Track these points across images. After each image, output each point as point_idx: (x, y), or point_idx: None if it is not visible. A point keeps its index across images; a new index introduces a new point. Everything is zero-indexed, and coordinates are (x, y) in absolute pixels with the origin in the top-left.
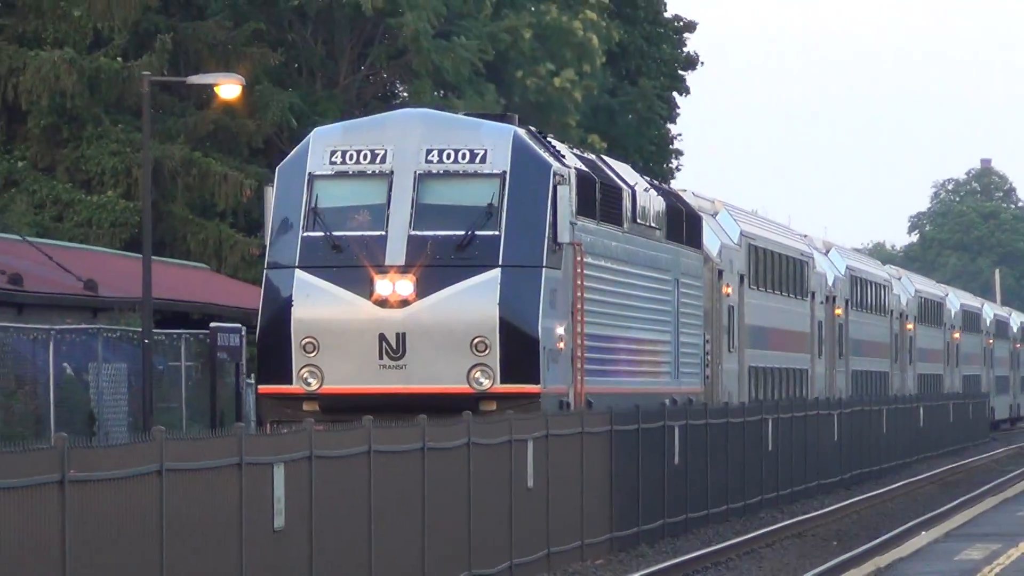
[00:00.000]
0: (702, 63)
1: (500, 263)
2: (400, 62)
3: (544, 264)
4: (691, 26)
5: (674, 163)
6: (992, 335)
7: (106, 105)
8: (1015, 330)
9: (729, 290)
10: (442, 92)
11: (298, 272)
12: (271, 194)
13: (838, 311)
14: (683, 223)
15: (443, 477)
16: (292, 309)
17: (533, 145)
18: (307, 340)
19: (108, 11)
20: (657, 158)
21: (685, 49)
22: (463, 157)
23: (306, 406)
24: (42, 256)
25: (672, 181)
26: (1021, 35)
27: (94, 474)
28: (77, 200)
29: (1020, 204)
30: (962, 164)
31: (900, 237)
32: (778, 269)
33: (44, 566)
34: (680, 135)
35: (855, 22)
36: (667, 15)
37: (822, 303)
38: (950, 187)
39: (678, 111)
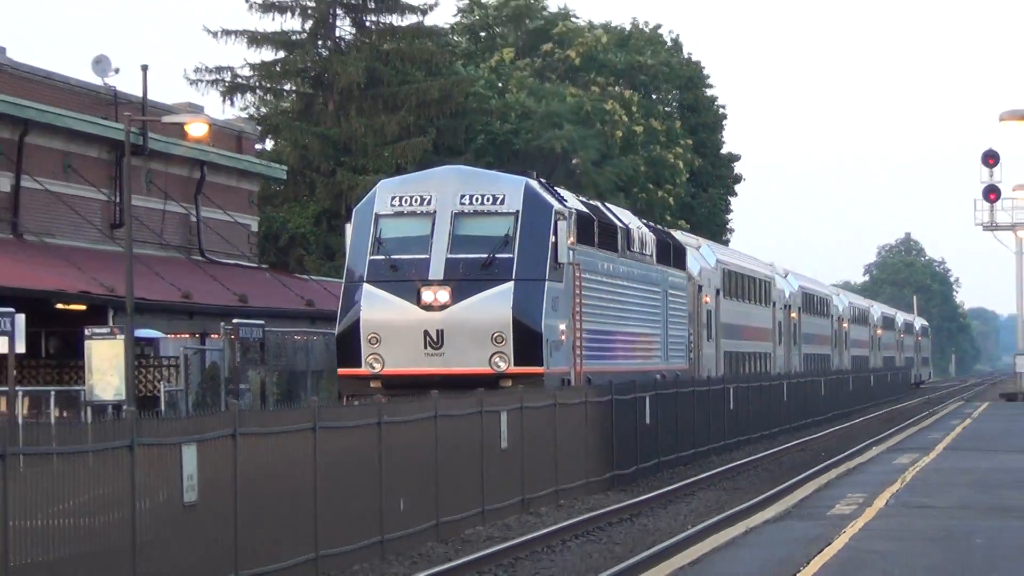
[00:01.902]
0: (744, 179)
1: (513, 278)
2: (572, 180)
3: (547, 278)
4: (736, 157)
5: (728, 236)
6: (903, 331)
7: None
8: (917, 328)
9: (708, 299)
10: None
11: (366, 285)
12: (349, 229)
13: (793, 315)
14: (671, 252)
15: (493, 433)
16: (361, 312)
17: (540, 192)
18: (372, 335)
19: (404, 153)
20: (719, 232)
21: (735, 169)
22: (487, 200)
23: (372, 384)
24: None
25: (729, 243)
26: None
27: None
28: None
29: (926, 259)
30: (895, 233)
31: (857, 277)
32: (746, 285)
33: (305, 474)
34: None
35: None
36: (723, 152)
37: (781, 309)
38: (887, 248)
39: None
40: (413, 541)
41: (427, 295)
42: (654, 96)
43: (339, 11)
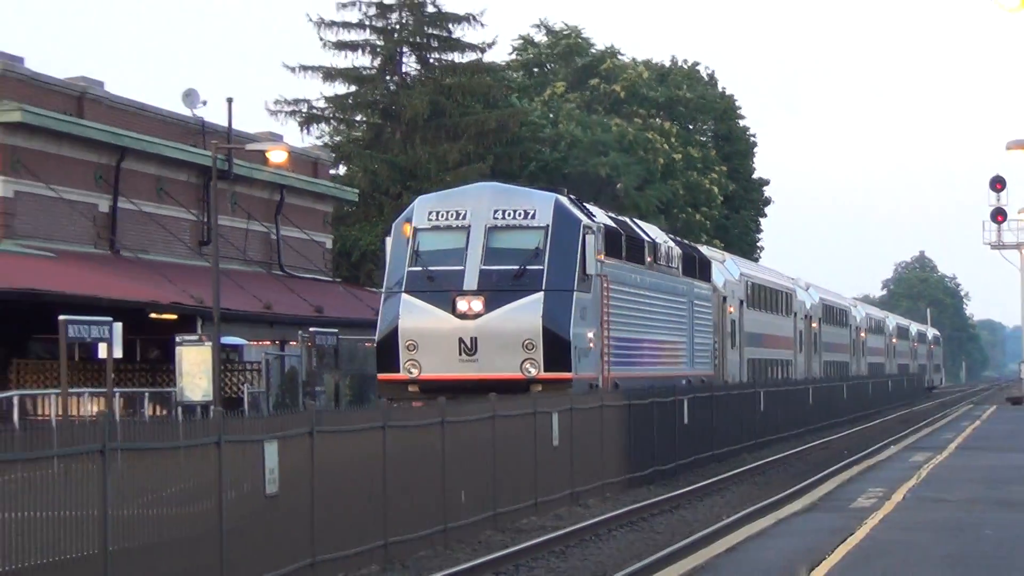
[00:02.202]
0: (773, 202)
1: (543, 288)
2: (616, 203)
3: (575, 289)
4: (766, 181)
5: (757, 254)
6: (916, 340)
7: None
8: (929, 337)
9: (732, 309)
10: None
11: (404, 296)
12: (389, 242)
13: (814, 325)
14: (696, 264)
15: (545, 432)
16: (399, 321)
17: (569, 207)
18: (410, 342)
19: (465, 178)
20: (749, 251)
21: (764, 192)
22: (519, 215)
23: (410, 388)
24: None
25: (759, 260)
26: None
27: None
28: None
29: (939, 274)
30: (910, 251)
31: (876, 291)
32: (769, 297)
33: (375, 469)
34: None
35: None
36: (754, 176)
37: (802, 319)
38: (903, 265)
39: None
40: (473, 530)
41: (462, 304)
42: (691, 126)
43: (405, 49)
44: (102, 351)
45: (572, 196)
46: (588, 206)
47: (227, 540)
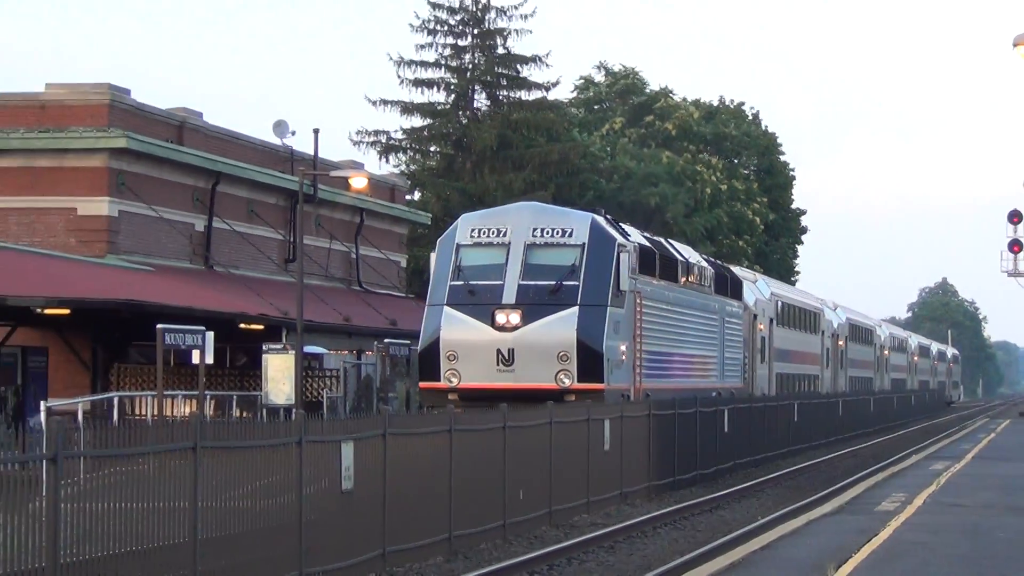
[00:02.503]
0: (810, 230)
1: (579, 303)
2: (665, 229)
3: (609, 304)
4: (803, 211)
5: (795, 278)
6: (937, 359)
7: None
8: (949, 356)
9: (762, 327)
10: None
11: (446, 308)
12: (433, 257)
13: (840, 343)
14: (728, 283)
15: (597, 437)
16: (441, 332)
17: (605, 226)
18: (450, 352)
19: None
20: (787, 275)
21: (802, 222)
22: (558, 234)
23: (450, 396)
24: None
25: (796, 283)
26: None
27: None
28: None
29: (959, 299)
30: (934, 277)
31: (901, 313)
32: (797, 315)
33: (442, 468)
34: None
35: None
36: (793, 207)
37: (830, 337)
38: (927, 290)
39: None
40: (530, 525)
41: (500, 317)
42: (735, 161)
43: (476, 87)
44: (195, 357)
45: (609, 216)
46: (624, 226)
47: (305, 531)
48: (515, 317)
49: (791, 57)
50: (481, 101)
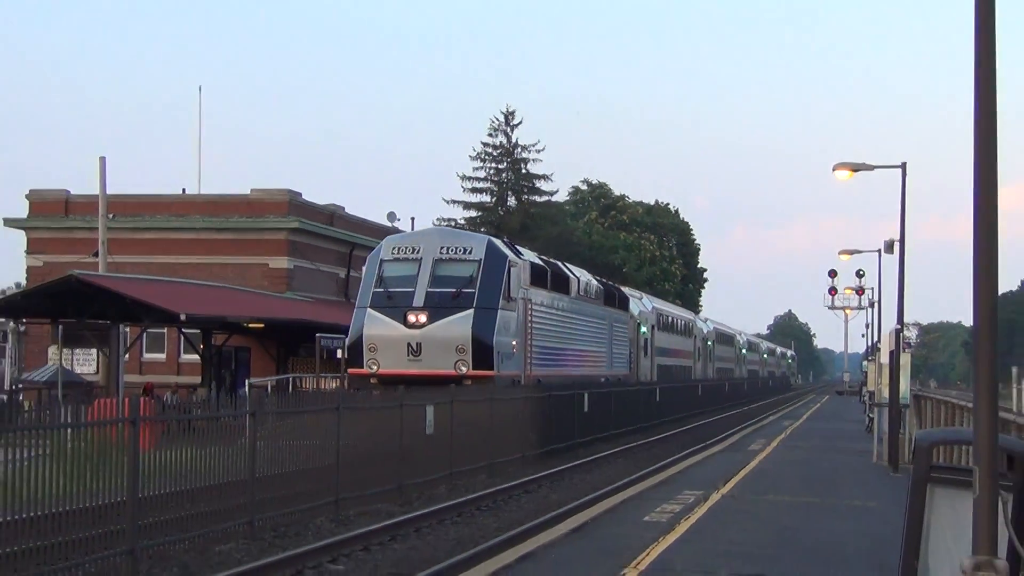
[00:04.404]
0: (708, 280)
1: (474, 306)
2: (621, 278)
3: (499, 308)
4: (705, 268)
5: (700, 308)
6: (781, 357)
7: None
8: (789, 356)
9: (644, 330)
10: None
11: (369, 310)
12: (364, 269)
13: (709, 343)
14: (616, 298)
15: (507, 411)
16: (364, 329)
17: (500, 246)
18: (371, 344)
19: None
20: (694, 307)
21: (704, 273)
22: (459, 251)
23: (372, 380)
24: None
25: (700, 311)
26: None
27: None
28: None
29: (799, 322)
30: (784, 309)
31: (763, 330)
32: (674, 323)
33: (484, 421)
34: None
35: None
36: (699, 266)
37: (700, 340)
38: (779, 317)
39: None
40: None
41: (411, 317)
42: (664, 238)
43: (508, 193)
44: (338, 353)
45: (506, 240)
46: (520, 248)
47: (405, 456)
48: (423, 317)
49: (701, 170)
50: (511, 202)
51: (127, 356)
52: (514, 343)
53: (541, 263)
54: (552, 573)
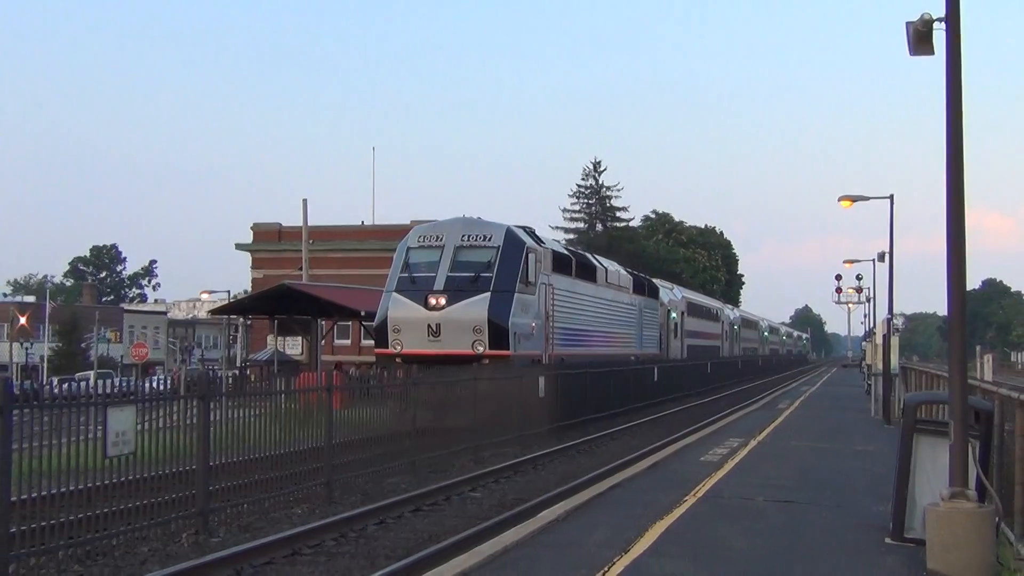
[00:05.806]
0: (745, 282)
1: (491, 290)
2: (681, 281)
3: (515, 291)
4: (743, 274)
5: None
6: (798, 339)
7: None
8: (805, 338)
9: (674, 315)
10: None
11: (394, 294)
12: (393, 256)
13: (736, 327)
14: (645, 287)
15: (518, 387)
16: (389, 312)
17: (518, 233)
18: (395, 326)
19: None
20: (736, 301)
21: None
22: (479, 239)
23: (396, 360)
24: None
25: (741, 305)
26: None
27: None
28: None
29: (814, 313)
30: (802, 303)
31: (786, 319)
32: (703, 311)
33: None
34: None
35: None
36: (738, 272)
37: (728, 325)
38: (798, 310)
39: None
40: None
41: (432, 300)
42: (711, 252)
43: (596, 221)
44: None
45: (527, 228)
46: (540, 236)
47: (521, 414)
48: (443, 300)
49: (739, 200)
50: (598, 227)
51: (323, 342)
52: (533, 324)
53: (565, 252)
54: (635, 497)
